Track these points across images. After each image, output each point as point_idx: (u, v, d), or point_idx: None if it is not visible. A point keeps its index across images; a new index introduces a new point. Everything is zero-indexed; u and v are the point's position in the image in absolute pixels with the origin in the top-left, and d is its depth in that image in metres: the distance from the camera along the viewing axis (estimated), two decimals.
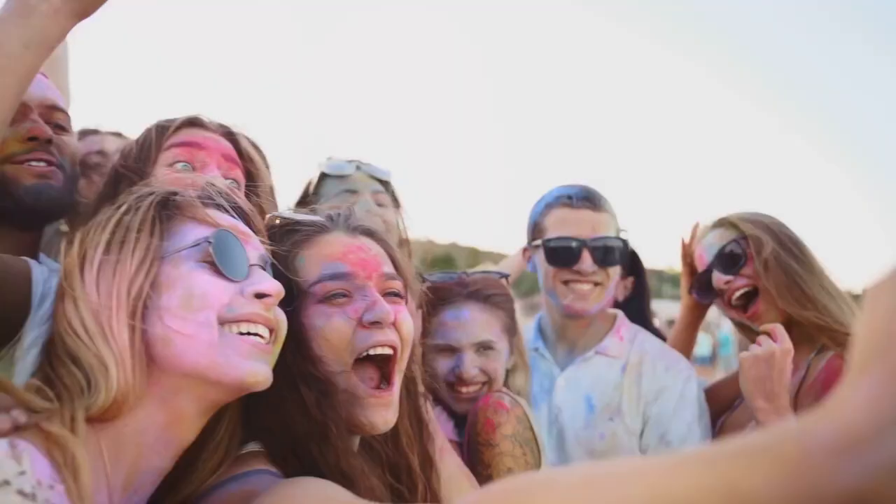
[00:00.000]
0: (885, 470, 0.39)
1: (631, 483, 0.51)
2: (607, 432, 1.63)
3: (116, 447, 0.85)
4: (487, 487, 0.66)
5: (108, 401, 0.83)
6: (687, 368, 1.70)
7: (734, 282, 1.66)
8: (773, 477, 0.44)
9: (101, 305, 0.86)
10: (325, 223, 1.13)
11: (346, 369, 1.03)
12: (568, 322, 1.73)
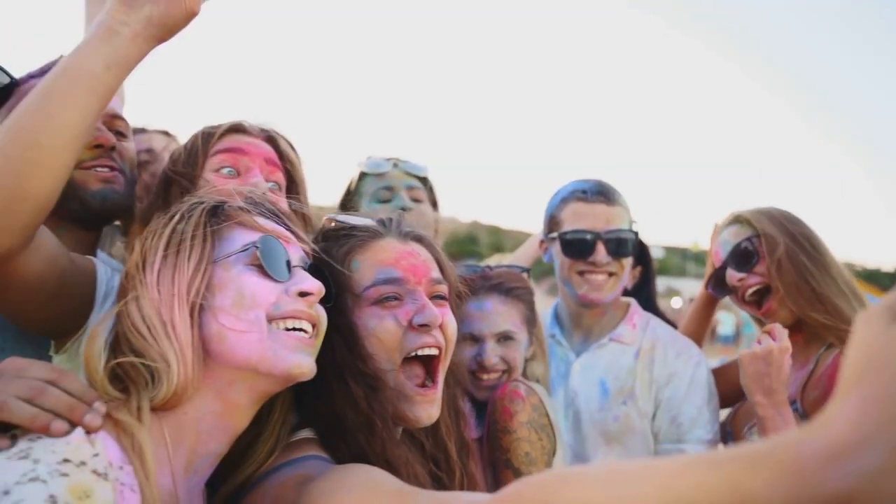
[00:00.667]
0: (867, 475, 0.47)
1: (647, 480, 0.59)
2: (621, 415, 1.71)
3: (177, 433, 0.94)
4: (526, 479, 0.75)
5: (170, 392, 0.91)
6: (697, 354, 1.77)
7: (747, 279, 1.72)
8: (771, 480, 0.51)
9: (162, 306, 0.95)
10: (378, 229, 1.19)
11: (394, 367, 1.10)
12: (583, 310, 1.81)
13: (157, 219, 1.04)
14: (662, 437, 1.69)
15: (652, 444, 1.70)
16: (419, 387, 1.12)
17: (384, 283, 1.12)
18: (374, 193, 1.89)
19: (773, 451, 0.52)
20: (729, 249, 1.75)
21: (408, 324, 1.10)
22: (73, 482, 0.78)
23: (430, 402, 1.13)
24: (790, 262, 1.64)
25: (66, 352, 1.23)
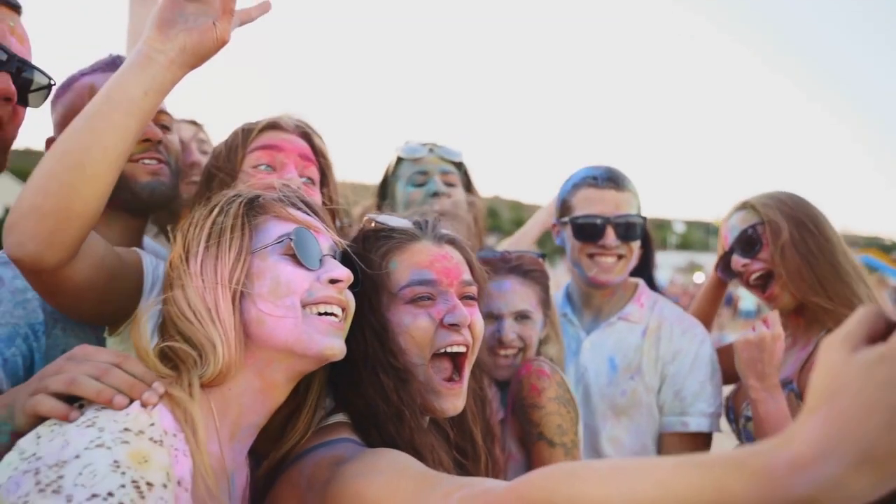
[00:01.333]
0: (825, 484, 0.57)
1: (644, 477, 0.69)
2: (628, 389, 1.81)
3: (223, 407, 1.03)
4: (538, 471, 0.83)
5: (216, 371, 1.01)
6: (701, 333, 1.86)
7: (751, 265, 1.79)
8: (748, 484, 0.61)
9: (206, 293, 1.03)
10: (415, 232, 1.26)
11: (424, 362, 1.18)
12: (593, 291, 1.91)
13: (198, 210, 1.12)
14: (667, 411, 1.79)
15: (657, 416, 1.79)
16: (446, 381, 1.20)
17: (419, 283, 1.19)
18: (409, 177, 2.00)
19: (750, 459, 0.62)
20: (735, 235, 1.82)
21: (439, 322, 1.18)
22: (133, 448, 0.87)
23: (457, 394, 1.20)
24: (794, 248, 1.70)
25: (119, 335, 1.34)
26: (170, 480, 0.89)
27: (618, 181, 1.84)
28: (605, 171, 1.86)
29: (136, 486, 0.84)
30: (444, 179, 1.99)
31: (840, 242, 1.75)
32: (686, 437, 1.75)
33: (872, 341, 0.60)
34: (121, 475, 0.83)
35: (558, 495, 0.74)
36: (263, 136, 1.49)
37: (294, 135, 1.52)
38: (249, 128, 1.50)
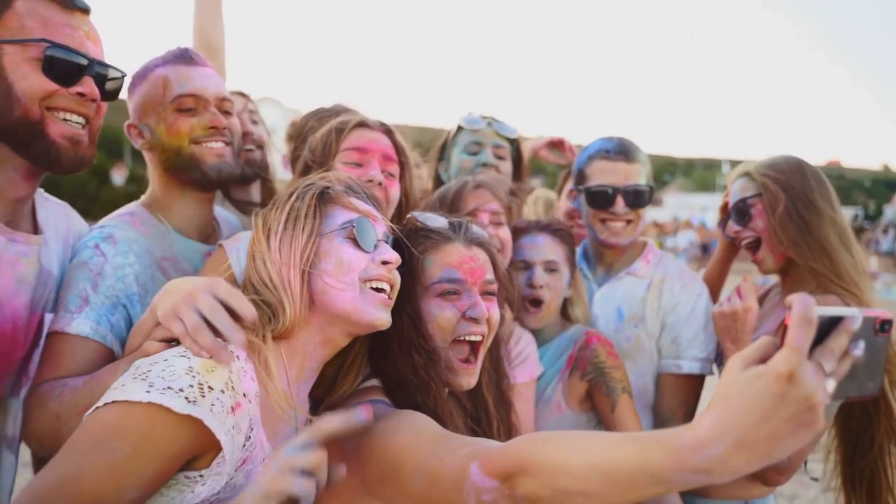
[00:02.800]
0: (713, 458, 0.79)
1: (596, 445, 0.92)
2: (633, 336, 2.07)
3: (290, 354, 1.25)
4: (525, 436, 1.06)
5: (285, 326, 1.23)
6: (700, 288, 2.10)
7: (742, 232, 2.01)
8: (664, 455, 0.84)
9: (282, 266, 1.25)
10: (449, 234, 1.45)
11: (446, 346, 1.39)
12: (605, 250, 2.16)
13: (281, 195, 1.35)
14: (664, 354, 2.05)
15: (657, 359, 2.06)
16: (463, 361, 1.40)
17: (447, 281, 1.40)
18: (465, 146, 2.27)
19: (667, 438, 0.85)
20: (734, 201, 2.04)
21: (462, 315, 1.39)
22: (204, 361, 1.10)
23: (471, 373, 1.41)
24: (789, 218, 1.90)
25: None
26: (227, 388, 1.09)
27: (628, 154, 2.07)
28: (617, 144, 2.10)
29: (199, 387, 1.06)
30: (496, 153, 2.25)
31: (831, 211, 1.92)
32: (680, 378, 2.03)
33: (762, 362, 0.80)
34: (191, 378, 1.06)
35: (536, 454, 0.98)
36: (353, 136, 1.68)
37: (379, 132, 1.71)
38: (341, 127, 1.69)
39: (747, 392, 0.78)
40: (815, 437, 1.76)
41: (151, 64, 1.68)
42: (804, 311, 0.77)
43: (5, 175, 1.40)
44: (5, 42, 1.32)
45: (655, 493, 0.89)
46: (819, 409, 0.77)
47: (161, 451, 1.04)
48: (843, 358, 0.81)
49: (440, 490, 1.10)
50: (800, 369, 0.76)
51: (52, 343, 1.44)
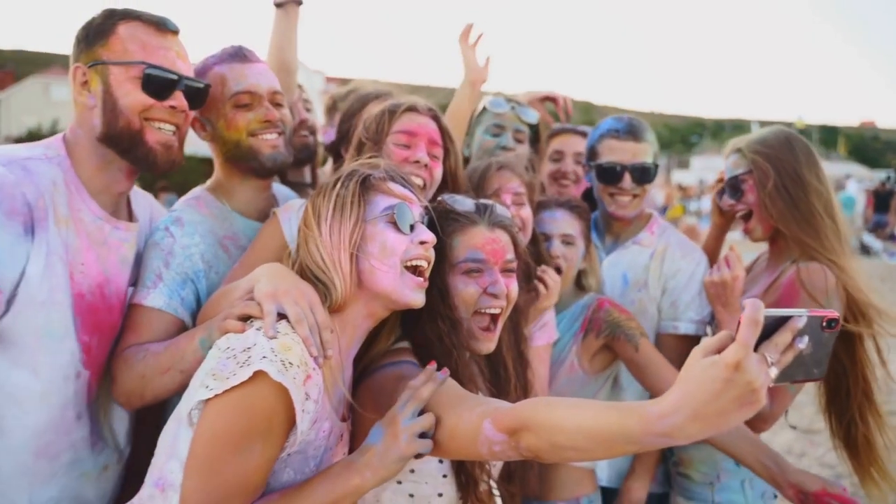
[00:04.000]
0: (673, 426, 0.99)
1: (587, 410, 1.13)
2: (636, 300, 2.28)
3: (342, 325, 1.41)
4: (529, 399, 1.30)
5: (336, 302, 1.39)
6: (699, 257, 2.29)
7: (735, 205, 2.20)
8: (636, 421, 1.04)
9: (332, 249, 1.39)
10: (474, 217, 1.60)
11: (469, 317, 1.55)
12: (613, 221, 2.37)
13: (328, 181, 1.50)
14: (663, 316, 2.27)
15: (657, 321, 2.28)
16: (484, 330, 1.57)
17: (472, 261, 1.56)
18: (488, 127, 2.46)
19: (639, 408, 1.06)
20: (728, 177, 2.22)
21: (483, 290, 1.55)
22: (281, 342, 1.26)
23: (490, 340, 1.58)
24: (778, 194, 2.07)
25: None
26: (301, 364, 1.26)
27: (636, 134, 2.26)
28: (627, 124, 2.29)
29: (282, 363, 1.23)
30: (516, 136, 2.44)
31: (818, 184, 2.08)
32: (677, 338, 2.24)
33: (719, 352, 0.97)
34: (274, 356, 1.24)
35: (537, 415, 1.19)
36: (403, 119, 1.81)
37: (427, 117, 1.84)
38: (393, 110, 1.82)
39: (702, 376, 0.97)
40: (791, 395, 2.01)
41: (210, 62, 1.84)
42: (752, 313, 0.94)
43: (111, 174, 1.64)
44: (112, 63, 1.56)
45: (629, 451, 1.12)
46: (760, 392, 0.95)
47: (276, 427, 1.25)
48: (786, 351, 0.98)
49: (457, 442, 1.29)
50: (745, 360, 0.94)
51: (133, 314, 1.65)
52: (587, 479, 2.18)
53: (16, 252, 1.43)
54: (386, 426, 1.33)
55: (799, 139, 2.16)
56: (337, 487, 1.29)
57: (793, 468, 1.79)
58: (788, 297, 2.02)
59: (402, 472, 1.44)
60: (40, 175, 1.52)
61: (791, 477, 1.77)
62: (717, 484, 2.18)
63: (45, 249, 1.47)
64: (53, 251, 1.49)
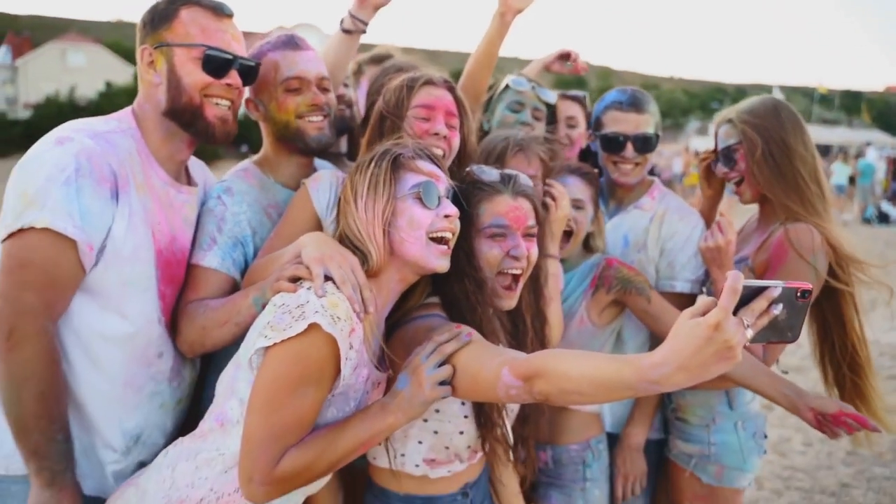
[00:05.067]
0: (661, 375, 1.15)
1: (591, 361, 1.29)
2: (636, 260, 2.44)
3: (378, 288, 1.58)
4: (543, 351, 1.44)
5: (372, 268, 1.55)
6: (696, 220, 2.44)
7: (729, 173, 2.35)
8: (631, 371, 1.20)
9: (367, 224, 1.55)
10: (499, 187, 1.74)
11: (492, 276, 1.70)
12: (616, 187, 2.54)
13: (362, 158, 1.66)
14: (661, 275, 2.44)
15: (655, 280, 2.45)
16: (505, 289, 1.73)
17: (496, 226, 1.71)
18: (509, 103, 2.60)
19: (635, 360, 1.21)
20: (721, 146, 2.37)
21: (506, 253, 1.70)
22: (329, 299, 1.43)
23: (511, 298, 1.74)
24: (765, 162, 2.23)
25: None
26: (347, 318, 1.43)
27: (639, 106, 2.42)
28: (630, 96, 2.44)
29: (331, 317, 1.41)
30: (534, 114, 2.58)
31: (803, 151, 2.24)
32: (674, 296, 2.39)
33: (704, 315, 1.12)
34: (324, 311, 1.41)
35: (548, 364, 1.35)
36: (422, 93, 1.90)
37: (443, 89, 1.94)
38: (412, 84, 1.92)
39: (688, 334, 1.12)
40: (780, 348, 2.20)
41: (265, 49, 1.99)
42: (732, 283, 1.08)
43: (175, 145, 1.83)
44: (176, 45, 1.74)
45: (625, 396, 1.29)
46: (736, 349, 1.10)
47: (326, 373, 1.44)
48: (762, 316, 1.13)
49: (479, 386, 1.46)
50: (724, 322, 1.08)
51: (192, 273, 1.84)
52: (595, 423, 2.38)
53: (104, 214, 1.62)
54: (411, 374, 1.50)
55: (786, 107, 2.31)
56: (373, 425, 1.48)
57: (810, 395, 2.00)
58: (778, 255, 2.20)
59: (428, 412, 1.65)
60: (120, 146, 1.70)
61: (810, 402, 1.98)
62: (712, 426, 2.37)
63: (127, 211, 1.67)
64: (135, 213, 1.69)
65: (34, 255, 1.53)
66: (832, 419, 1.92)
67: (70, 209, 1.55)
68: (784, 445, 5.19)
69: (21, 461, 1.60)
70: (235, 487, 1.48)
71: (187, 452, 1.55)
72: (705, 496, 2.36)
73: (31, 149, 1.64)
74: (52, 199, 1.54)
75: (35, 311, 1.54)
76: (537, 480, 2.34)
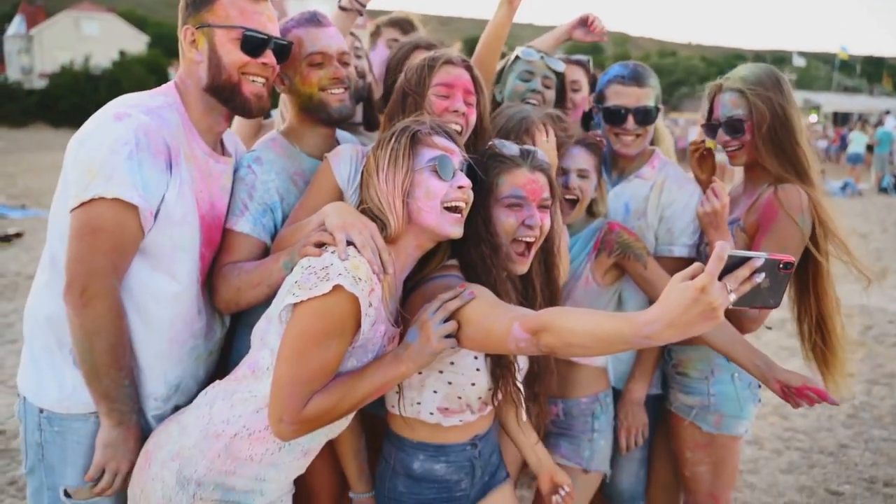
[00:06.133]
0: (653, 331, 1.29)
1: (593, 318, 1.42)
2: (636, 226, 2.57)
3: (397, 253, 1.72)
4: (550, 308, 1.58)
5: (391, 235, 1.69)
6: (693, 188, 2.57)
7: (731, 142, 2.44)
8: (628, 326, 1.33)
9: (388, 194, 1.69)
10: (519, 161, 1.86)
11: (507, 243, 1.82)
12: (618, 158, 2.67)
13: (384, 134, 1.79)
14: (660, 241, 2.57)
15: (654, 245, 2.58)
16: (519, 255, 1.85)
17: (513, 197, 1.83)
18: (519, 73, 2.72)
19: (632, 316, 1.33)
20: (726, 114, 2.43)
21: (521, 222, 1.82)
22: (352, 262, 1.57)
23: (524, 263, 1.86)
24: (769, 135, 2.34)
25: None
26: (368, 279, 1.58)
27: (640, 80, 2.53)
28: (632, 71, 2.56)
29: (353, 278, 1.55)
30: (544, 82, 2.70)
31: (796, 120, 2.37)
32: (672, 260, 2.53)
33: (693, 279, 1.24)
34: (347, 273, 1.56)
35: (555, 320, 1.47)
36: (441, 72, 2.03)
37: (461, 68, 2.06)
38: (432, 64, 2.05)
39: (678, 296, 1.25)
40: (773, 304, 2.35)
41: (289, 25, 2.09)
42: (719, 252, 1.21)
43: (214, 118, 1.97)
44: (216, 26, 1.87)
45: (622, 349, 1.44)
46: (719, 310, 1.22)
47: (348, 327, 1.59)
48: (744, 283, 1.24)
49: (492, 339, 1.59)
50: (709, 286, 1.21)
51: (226, 237, 1.97)
52: (603, 378, 2.56)
53: (160, 183, 1.77)
54: (419, 328, 1.66)
55: (783, 77, 2.42)
56: (387, 372, 1.65)
57: (779, 367, 2.17)
58: (768, 215, 2.34)
59: (444, 364, 1.80)
60: (170, 121, 1.83)
61: (778, 375, 2.14)
62: (711, 378, 2.53)
63: (178, 180, 1.83)
64: (184, 182, 1.85)
65: (103, 222, 1.69)
66: (796, 392, 2.08)
67: (134, 180, 1.70)
68: (786, 409, 5.34)
69: (80, 401, 1.78)
70: (265, 425, 1.65)
71: (224, 393, 1.73)
72: (705, 444, 2.52)
73: (88, 124, 1.78)
74: (118, 171, 1.69)
75: (104, 272, 1.71)
76: (548, 431, 2.52)
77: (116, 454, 1.78)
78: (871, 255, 11.27)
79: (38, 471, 1.85)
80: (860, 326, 7.27)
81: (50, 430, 1.82)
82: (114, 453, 1.78)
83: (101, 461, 1.78)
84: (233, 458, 1.67)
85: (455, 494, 1.93)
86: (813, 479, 4.29)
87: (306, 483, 2.15)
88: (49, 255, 1.83)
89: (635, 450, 2.66)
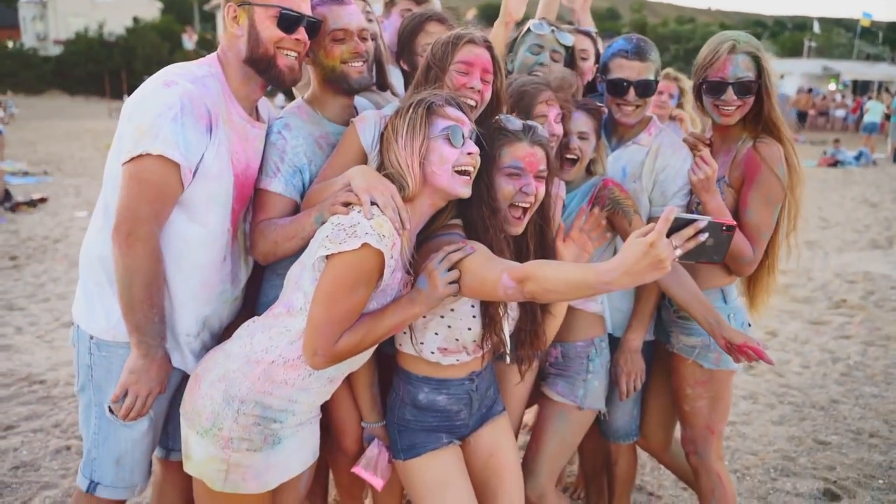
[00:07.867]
0: (614, 277, 1.54)
1: (569, 269, 1.71)
2: (632, 189, 2.76)
3: (412, 211, 1.93)
4: (533, 261, 1.80)
5: (408, 195, 1.90)
6: (686, 154, 2.74)
7: (736, 101, 2.58)
8: (591, 276, 1.60)
9: (406, 158, 1.89)
10: (521, 135, 2.06)
11: (505, 207, 2.03)
12: (618, 126, 2.88)
13: (402, 104, 2.00)
14: (654, 203, 2.77)
15: (648, 207, 2.79)
16: (515, 218, 2.06)
17: (513, 167, 2.04)
18: (530, 46, 2.92)
19: (598, 266, 1.57)
20: (737, 74, 2.56)
21: (519, 189, 2.03)
22: (376, 220, 1.79)
23: (519, 226, 2.08)
24: (764, 97, 2.58)
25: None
26: (390, 235, 1.79)
27: (642, 54, 2.71)
28: (635, 45, 2.74)
29: (378, 235, 1.76)
30: (553, 56, 2.90)
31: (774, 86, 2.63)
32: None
33: (645, 236, 1.47)
34: (373, 230, 1.77)
35: (536, 270, 1.71)
36: (464, 51, 2.18)
37: (482, 48, 2.20)
38: (456, 42, 2.19)
39: (632, 248, 1.49)
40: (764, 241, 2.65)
41: (314, 3, 2.23)
42: (666, 214, 1.46)
43: (251, 87, 2.19)
44: (256, 5, 2.09)
45: (588, 294, 1.67)
46: (665, 262, 1.46)
47: (374, 277, 1.82)
48: (689, 241, 1.51)
49: (485, 287, 1.82)
50: (657, 242, 1.45)
51: (260, 196, 2.20)
52: (599, 324, 2.78)
53: (200, 144, 1.99)
54: (427, 276, 1.89)
55: None
56: (403, 313, 1.91)
57: (727, 325, 2.46)
58: (751, 169, 2.58)
59: (445, 310, 2.05)
60: (212, 88, 2.05)
61: (724, 332, 2.44)
62: None
63: (217, 142, 2.07)
64: (222, 143, 2.09)
65: (149, 175, 1.92)
66: (737, 349, 2.35)
67: (177, 140, 1.92)
68: (782, 367, 5.60)
69: (124, 331, 2.01)
70: (298, 355, 1.91)
71: (262, 327, 1.98)
72: (706, 380, 2.77)
73: (142, 88, 2.01)
74: (164, 131, 1.90)
75: (147, 218, 1.93)
76: (547, 372, 2.77)
77: (139, 380, 1.98)
78: (881, 224, 11.38)
79: (87, 389, 2.12)
80: (862, 291, 7.50)
81: (98, 354, 2.08)
82: (136, 379, 1.98)
83: (125, 384, 1.99)
84: (270, 381, 1.92)
85: (455, 423, 2.22)
86: (803, 430, 4.55)
87: (332, 416, 2.44)
88: (103, 203, 2.08)
89: (634, 392, 2.90)
